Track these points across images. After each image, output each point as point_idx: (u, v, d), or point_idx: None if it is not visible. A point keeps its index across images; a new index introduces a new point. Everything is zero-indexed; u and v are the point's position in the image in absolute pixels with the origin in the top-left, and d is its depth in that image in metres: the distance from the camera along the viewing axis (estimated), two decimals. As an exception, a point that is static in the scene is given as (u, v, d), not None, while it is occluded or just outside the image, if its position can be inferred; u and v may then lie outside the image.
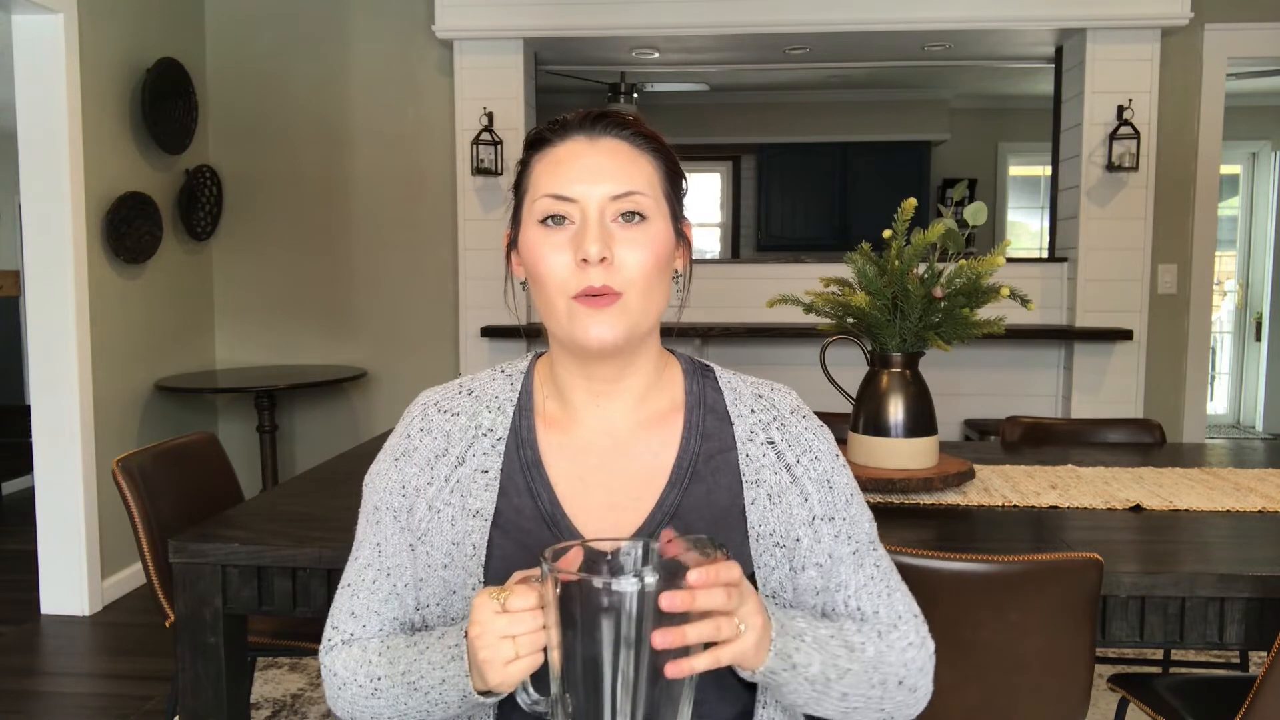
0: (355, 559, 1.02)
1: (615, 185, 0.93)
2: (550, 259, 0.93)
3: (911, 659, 0.97)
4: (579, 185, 0.92)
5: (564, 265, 0.92)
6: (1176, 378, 4.16)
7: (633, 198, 0.93)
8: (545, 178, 0.94)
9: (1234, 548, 1.57)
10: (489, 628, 0.81)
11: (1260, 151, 6.87)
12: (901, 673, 0.96)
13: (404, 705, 0.94)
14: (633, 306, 0.93)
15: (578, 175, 0.93)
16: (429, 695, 0.91)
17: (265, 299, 4.36)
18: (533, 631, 0.80)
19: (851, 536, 1.01)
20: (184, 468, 2.15)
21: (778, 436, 1.01)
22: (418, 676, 0.92)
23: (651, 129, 0.98)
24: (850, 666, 0.92)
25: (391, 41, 4.23)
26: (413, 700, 0.93)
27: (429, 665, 0.91)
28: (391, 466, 1.02)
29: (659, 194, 0.96)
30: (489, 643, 0.81)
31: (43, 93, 3.32)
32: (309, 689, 2.81)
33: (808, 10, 3.99)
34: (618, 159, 0.94)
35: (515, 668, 0.81)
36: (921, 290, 1.84)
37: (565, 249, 0.92)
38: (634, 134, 0.96)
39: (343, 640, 1.00)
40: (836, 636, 0.93)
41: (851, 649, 0.93)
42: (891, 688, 0.96)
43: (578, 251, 0.91)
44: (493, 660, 0.81)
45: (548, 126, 0.97)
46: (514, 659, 0.80)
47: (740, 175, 7.61)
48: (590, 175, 0.93)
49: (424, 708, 0.92)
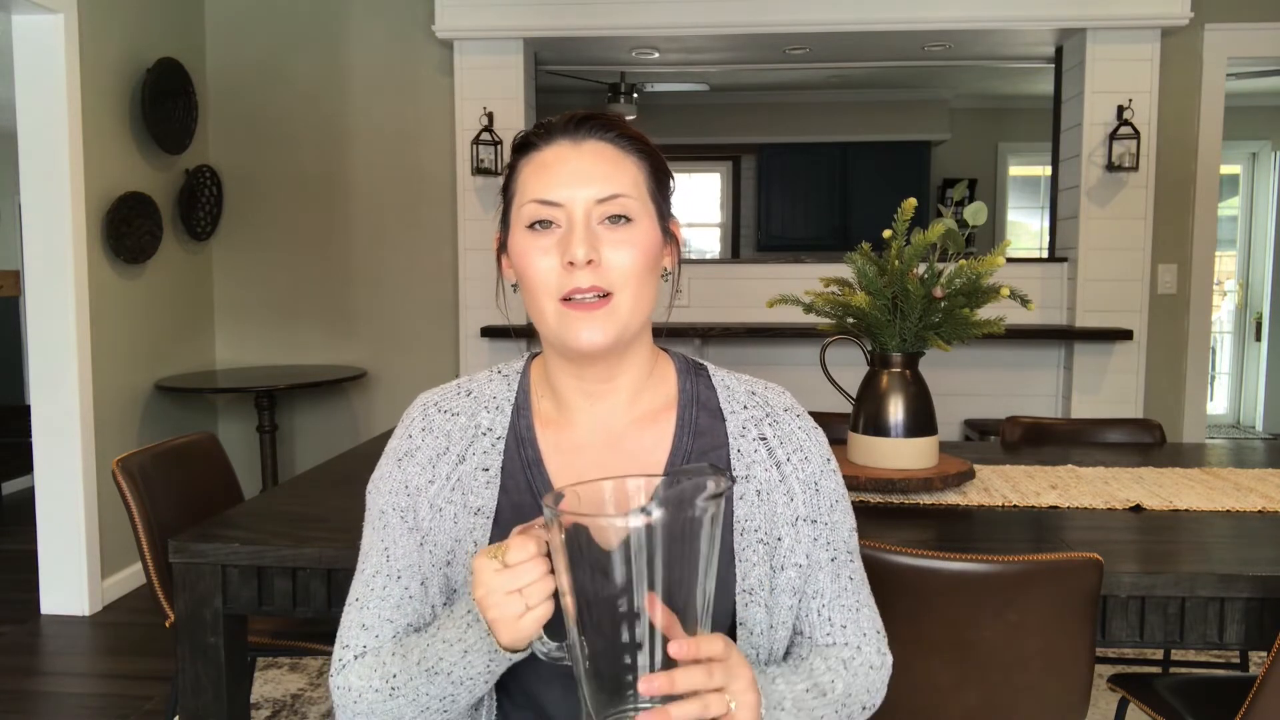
0: (362, 570, 1.01)
1: (600, 188, 0.93)
2: (538, 263, 0.93)
3: (872, 682, 1.01)
4: (564, 189, 0.93)
5: (551, 269, 0.93)
6: (1176, 378, 4.16)
7: (618, 200, 0.93)
8: (531, 182, 0.95)
9: (1234, 548, 1.57)
10: (493, 586, 0.80)
11: (1260, 151, 6.87)
12: (864, 698, 1.01)
13: (425, 697, 0.91)
14: (622, 308, 0.93)
15: (563, 179, 0.93)
16: (451, 675, 0.89)
17: (265, 299, 4.36)
18: (538, 580, 0.79)
19: (831, 543, 1.01)
20: (184, 468, 2.15)
21: (770, 433, 1.02)
22: (435, 659, 0.90)
23: (636, 130, 0.99)
24: (823, 713, 0.95)
25: (391, 41, 4.23)
26: (434, 687, 0.90)
27: (444, 644, 0.89)
28: (395, 468, 1.01)
29: (644, 195, 0.96)
30: (496, 601, 0.80)
31: (43, 93, 3.33)
32: (309, 689, 2.81)
33: (808, 10, 3.99)
34: (602, 161, 0.94)
35: (527, 621, 0.80)
36: (921, 290, 1.84)
37: (552, 252, 0.93)
38: (618, 136, 0.96)
39: (355, 656, 0.97)
40: (812, 688, 0.94)
41: (823, 692, 0.95)
42: (855, 713, 1.00)
43: (564, 255, 0.92)
44: (503, 617, 0.80)
45: (533, 130, 0.98)
46: (524, 612, 0.80)
47: (740, 175, 7.61)
48: (575, 179, 0.93)
49: (447, 692, 0.90)
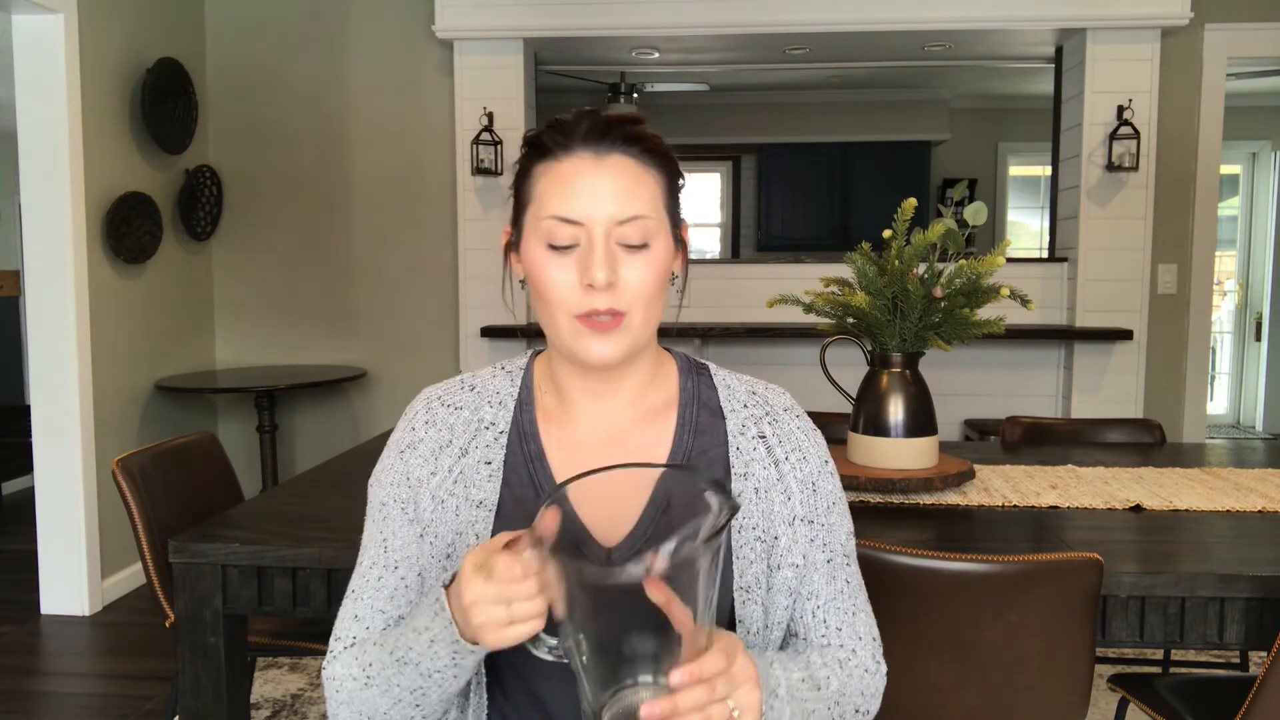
0: (361, 563, 1.02)
1: (622, 208, 0.92)
2: (556, 278, 0.93)
3: (867, 685, 1.01)
4: (585, 207, 0.92)
5: (568, 285, 0.93)
6: (1176, 378, 4.16)
7: (638, 222, 0.93)
8: (551, 196, 0.93)
9: (1234, 548, 1.57)
10: (479, 597, 0.80)
11: (1260, 151, 6.87)
12: (858, 700, 1.01)
13: (397, 688, 0.91)
14: (635, 325, 0.94)
15: (583, 196, 0.92)
16: (420, 665, 0.88)
17: (265, 299, 4.36)
18: (525, 599, 0.79)
19: (827, 544, 1.02)
20: (184, 468, 2.15)
21: (769, 431, 1.03)
22: (405, 649, 0.89)
23: (657, 139, 0.97)
24: (816, 707, 0.95)
25: (391, 41, 4.23)
26: (404, 678, 0.90)
27: (414, 632, 0.89)
28: (397, 460, 1.02)
29: (661, 210, 0.96)
30: (481, 609, 0.80)
31: (43, 93, 3.32)
32: (309, 689, 2.81)
33: (808, 10, 3.99)
34: (624, 178, 0.93)
35: (512, 631, 0.80)
36: (921, 290, 1.84)
37: (570, 269, 0.93)
38: (641, 151, 0.94)
39: (345, 647, 0.98)
40: (807, 679, 0.94)
41: (818, 686, 0.95)
42: (849, 715, 1.00)
43: (584, 275, 0.92)
44: (487, 624, 0.80)
45: (550, 132, 0.95)
46: (509, 624, 0.80)
47: (740, 175, 7.61)
48: (597, 197, 0.92)
49: (416, 683, 0.90)
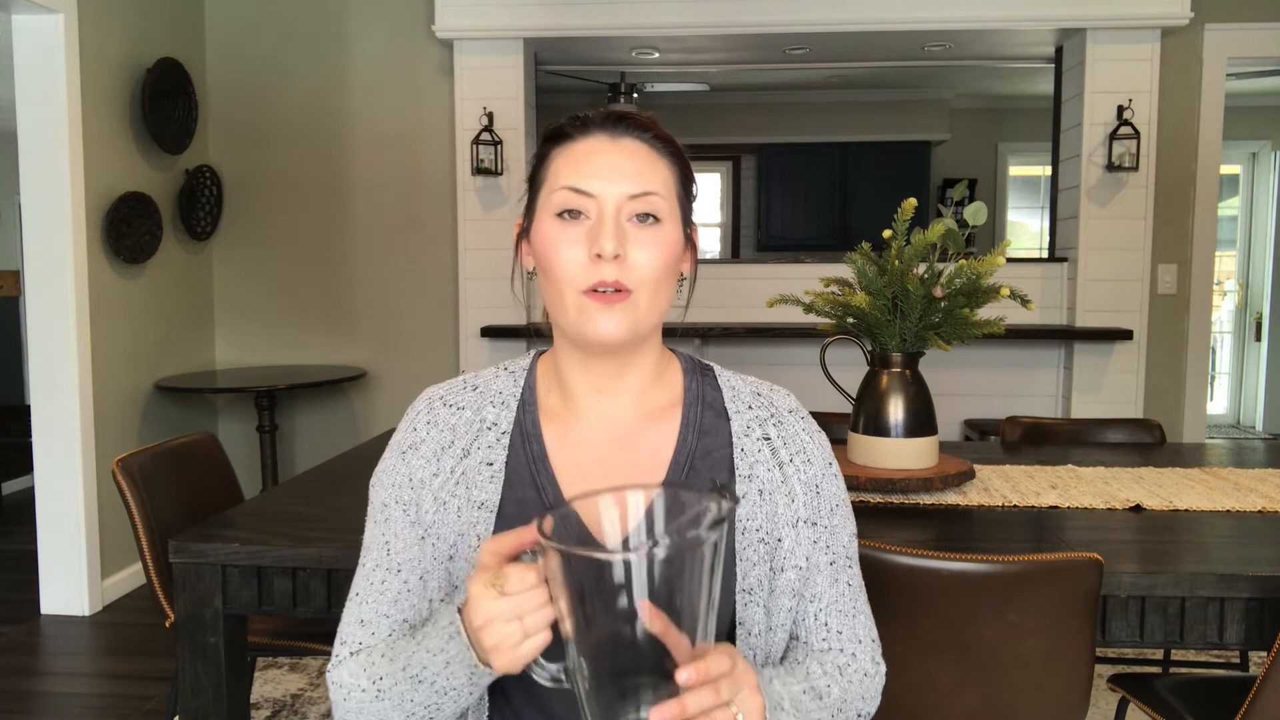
0: (363, 565, 1.01)
1: (633, 184, 0.94)
2: (564, 252, 0.94)
3: (866, 689, 1.02)
4: (598, 181, 0.94)
5: (577, 259, 0.93)
6: (1176, 378, 4.16)
7: (649, 198, 0.95)
8: (565, 170, 0.96)
9: (1234, 548, 1.57)
10: (492, 614, 0.79)
11: (1260, 151, 6.87)
12: (858, 704, 1.01)
13: (410, 703, 0.91)
14: (640, 304, 0.94)
15: (597, 171, 0.94)
16: (435, 684, 0.88)
17: (265, 299, 4.36)
18: (537, 610, 0.78)
19: (830, 547, 1.02)
20: (184, 468, 2.15)
21: (774, 433, 1.03)
22: (420, 668, 0.89)
23: (670, 134, 1.00)
24: (819, 716, 0.95)
25: (391, 41, 4.23)
26: (419, 694, 0.90)
27: (428, 653, 0.89)
28: (399, 461, 1.01)
29: (673, 197, 0.98)
30: (494, 629, 0.79)
31: (43, 93, 3.33)
32: (309, 689, 2.81)
33: (808, 10, 3.99)
34: (637, 159, 0.96)
35: (524, 649, 0.79)
36: (921, 290, 1.84)
37: (580, 243, 0.93)
38: (654, 137, 0.98)
39: (351, 653, 0.97)
40: (808, 690, 0.95)
41: (819, 695, 0.96)
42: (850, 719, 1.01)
43: (592, 246, 0.92)
44: (500, 645, 0.79)
45: (569, 122, 0.99)
46: (522, 640, 0.79)
47: (740, 175, 7.61)
48: (610, 172, 0.94)
49: (431, 699, 0.90)
